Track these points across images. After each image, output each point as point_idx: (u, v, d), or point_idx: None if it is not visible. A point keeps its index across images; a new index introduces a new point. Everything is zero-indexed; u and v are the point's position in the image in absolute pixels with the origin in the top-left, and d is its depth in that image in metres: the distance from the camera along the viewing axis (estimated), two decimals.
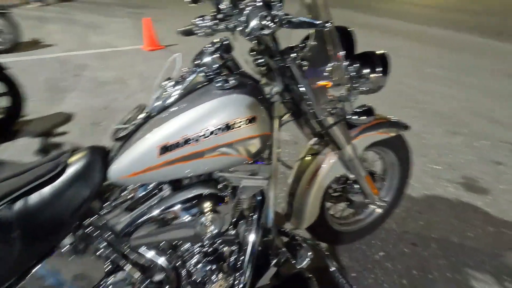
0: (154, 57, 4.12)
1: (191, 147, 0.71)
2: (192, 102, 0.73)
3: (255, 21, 0.50)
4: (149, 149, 0.71)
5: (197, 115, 0.71)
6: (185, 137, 0.70)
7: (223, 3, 0.80)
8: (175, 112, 0.73)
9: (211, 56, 0.77)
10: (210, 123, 0.71)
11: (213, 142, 0.72)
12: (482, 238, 1.46)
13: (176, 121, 0.71)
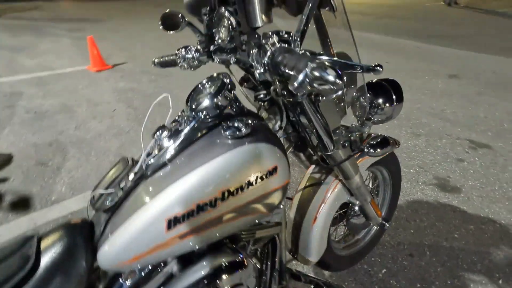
0: (102, 78, 3.76)
1: (206, 215, 0.58)
2: (199, 157, 0.61)
3: (318, 72, 0.40)
4: (154, 224, 0.56)
5: (210, 174, 0.58)
6: (198, 203, 0.57)
7: (220, 35, 0.69)
8: (179, 171, 0.60)
9: (213, 98, 0.65)
10: (227, 183, 0.58)
11: (232, 204, 0.60)
12: (467, 237, 1.54)
13: (184, 184, 0.58)
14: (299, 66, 0.42)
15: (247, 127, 0.63)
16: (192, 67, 0.86)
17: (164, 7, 9.05)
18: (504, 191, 1.85)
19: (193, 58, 0.83)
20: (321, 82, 0.39)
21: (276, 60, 0.50)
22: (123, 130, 2.55)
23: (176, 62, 0.91)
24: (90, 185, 1.90)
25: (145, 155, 0.65)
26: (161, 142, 0.65)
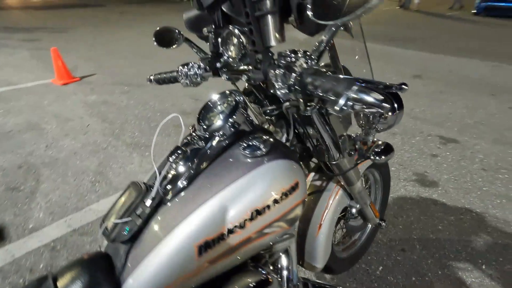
0: (69, 91, 3.55)
1: (236, 236, 0.58)
2: (222, 178, 0.60)
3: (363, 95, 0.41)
4: (183, 251, 0.55)
5: (238, 195, 0.58)
6: (228, 226, 0.56)
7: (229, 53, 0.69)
8: (203, 194, 0.59)
9: (228, 117, 0.64)
10: (255, 202, 0.58)
11: (260, 224, 0.59)
12: (449, 228, 1.65)
13: (211, 207, 0.57)
14: (337, 89, 0.44)
15: (265, 144, 0.63)
16: (194, 83, 0.84)
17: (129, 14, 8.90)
18: (474, 181, 2.01)
19: (196, 74, 0.82)
20: (366, 105, 0.40)
21: (305, 81, 0.51)
22: (100, 147, 2.42)
23: (174, 78, 0.89)
24: (71, 208, 1.78)
25: (160, 179, 0.62)
26: (177, 164, 0.63)
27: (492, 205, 1.82)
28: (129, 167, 2.17)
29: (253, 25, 0.58)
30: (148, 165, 2.18)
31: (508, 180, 2.04)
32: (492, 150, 2.36)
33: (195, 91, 3.56)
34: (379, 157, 0.82)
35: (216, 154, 0.64)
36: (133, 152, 2.35)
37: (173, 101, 3.29)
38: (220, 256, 0.57)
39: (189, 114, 3.01)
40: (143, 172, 2.10)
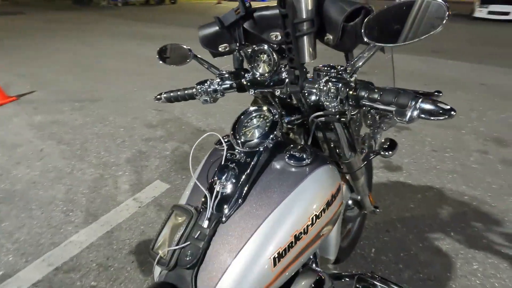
0: (9, 113, 3.12)
1: (302, 242, 0.62)
2: (278, 190, 0.63)
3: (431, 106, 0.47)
4: (260, 265, 0.57)
5: (297, 204, 0.62)
6: (295, 234, 0.60)
7: (258, 70, 0.72)
8: (264, 208, 0.61)
9: (271, 131, 0.68)
10: (313, 208, 0.63)
11: (319, 227, 0.64)
12: (419, 205, 1.89)
13: (277, 219, 0.60)
14: (402, 101, 0.51)
15: (307, 153, 0.68)
16: (213, 99, 0.85)
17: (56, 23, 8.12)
18: (429, 162, 2.33)
19: (216, 91, 0.83)
20: (434, 114, 0.47)
21: (360, 94, 0.57)
22: (64, 172, 2.19)
23: (190, 96, 0.89)
24: (47, 245, 1.59)
25: (213, 198, 0.63)
26: (227, 182, 0.64)
27: (447, 180, 2.13)
28: (103, 189, 2.01)
29: (293, 44, 0.63)
30: (125, 185, 2.05)
31: (453, 157, 2.40)
32: (436, 133, 2.75)
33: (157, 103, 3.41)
34: (388, 152, 0.93)
35: (262, 168, 0.67)
36: (104, 173, 2.18)
37: (135, 114, 3.12)
38: (291, 262, 0.60)
39: (155, 126, 2.89)
40: (122, 194, 1.97)
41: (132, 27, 8.81)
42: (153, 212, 1.82)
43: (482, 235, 1.68)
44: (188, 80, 4.54)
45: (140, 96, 3.61)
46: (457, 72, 4.49)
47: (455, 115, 0.46)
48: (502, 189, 2.05)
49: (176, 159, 2.36)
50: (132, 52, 5.74)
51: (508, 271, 1.47)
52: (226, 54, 0.84)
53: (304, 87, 0.68)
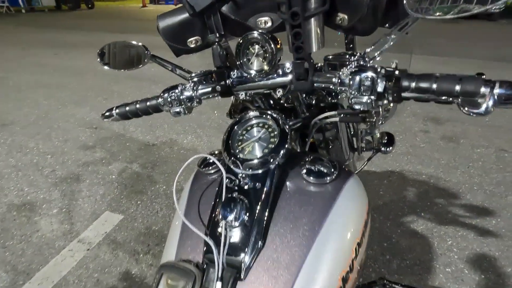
0: None
1: (350, 283, 0.48)
2: (304, 223, 0.47)
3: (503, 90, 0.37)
4: None
5: (334, 237, 0.48)
6: (342, 275, 0.46)
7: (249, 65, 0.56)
8: (293, 252, 0.45)
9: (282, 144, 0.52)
10: (354, 236, 0.50)
11: (361, 257, 0.51)
12: (387, 191, 1.94)
13: (315, 264, 0.45)
14: (470, 88, 0.40)
15: (331, 165, 0.54)
16: (188, 109, 0.66)
17: None
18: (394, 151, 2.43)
19: (192, 98, 0.64)
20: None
21: (404, 85, 0.45)
22: None
23: (154, 108, 0.67)
24: None
25: (222, 250, 0.45)
26: (233, 221, 0.47)
27: (404, 162, 2.24)
28: (35, 236, 1.59)
29: (303, 28, 0.48)
30: (64, 226, 1.67)
31: (403, 139, 2.55)
32: None
33: (90, 118, 2.95)
34: (388, 147, 0.85)
35: (276, 192, 0.51)
36: (32, 214, 1.74)
37: (64, 136, 2.62)
38: None
39: (92, 147, 2.46)
40: (61, 237, 1.59)
41: (45, 34, 7.65)
42: (107, 253, 1.50)
43: (446, 210, 1.79)
44: (126, 92, 4.07)
45: (66, 114, 3.08)
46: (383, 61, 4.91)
47: None
48: (449, 163, 2.24)
49: (125, 183, 2.02)
50: (49, 63, 4.94)
51: (476, 241, 1.57)
52: (196, 51, 0.66)
53: (314, 82, 0.54)
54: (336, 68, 0.54)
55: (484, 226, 1.66)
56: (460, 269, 1.42)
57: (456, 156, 2.33)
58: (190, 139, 2.59)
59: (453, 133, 2.67)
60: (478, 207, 1.81)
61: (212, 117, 2.96)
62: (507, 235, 1.60)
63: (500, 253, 1.49)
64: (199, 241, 0.49)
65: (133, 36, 7.73)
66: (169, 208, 1.80)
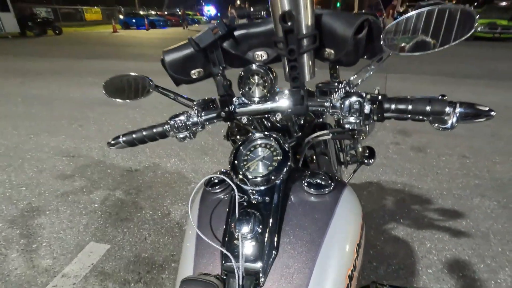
0: None
1: (355, 281, 0.54)
2: (310, 229, 0.54)
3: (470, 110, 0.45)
4: None
5: (338, 239, 0.54)
6: (348, 273, 0.52)
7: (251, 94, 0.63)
8: (304, 256, 0.51)
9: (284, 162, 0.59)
10: (354, 238, 0.56)
11: (361, 256, 0.58)
12: (368, 201, 2.05)
13: (325, 265, 0.51)
14: (437, 109, 0.49)
15: (324, 179, 0.61)
16: (193, 134, 0.71)
17: None
18: None
19: (197, 123, 0.70)
20: (475, 116, 0.47)
21: (386, 107, 0.54)
22: None
23: (161, 134, 0.72)
24: None
25: (240, 258, 0.50)
26: (248, 233, 0.52)
27: (380, 173, 2.39)
28: (13, 274, 1.49)
29: (298, 62, 0.57)
30: (45, 261, 1.58)
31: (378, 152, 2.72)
32: None
33: (66, 146, 2.86)
34: (370, 159, 0.94)
35: (283, 205, 0.57)
36: (9, 252, 1.64)
37: (39, 166, 2.51)
38: None
39: (71, 176, 2.38)
40: (43, 273, 1.51)
41: (9, 62, 7.35)
42: (96, 285, 1.44)
43: (422, 215, 1.92)
44: (103, 118, 3.99)
45: (40, 143, 2.96)
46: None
47: (495, 115, 0.47)
48: (420, 171, 2.42)
49: (109, 211, 1.97)
50: (14, 92, 4.74)
51: (451, 241, 1.70)
52: (197, 81, 0.72)
53: (309, 106, 0.62)
54: (326, 94, 0.63)
55: (457, 228, 1.81)
56: (440, 269, 1.53)
57: (425, 165, 2.53)
58: (174, 162, 2.59)
59: (420, 144, 2.90)
60: (449, 210, 1.97)
61: (194, 139, 2.98)
62: (477, 234, 1.75)
63: (472, 251, 1.63)
64: (215, 255, 0.54)
65: (102, 62, 7.65)
66: (157, 233, 1.78)
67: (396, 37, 0.50)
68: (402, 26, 0.50)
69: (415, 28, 0.49)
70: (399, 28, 0.50)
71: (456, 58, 7.50)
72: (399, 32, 0.50)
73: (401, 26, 0.50)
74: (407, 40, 0.49)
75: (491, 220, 1.87)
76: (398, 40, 0.50)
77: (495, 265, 1.55)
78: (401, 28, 0.50)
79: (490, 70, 6.41)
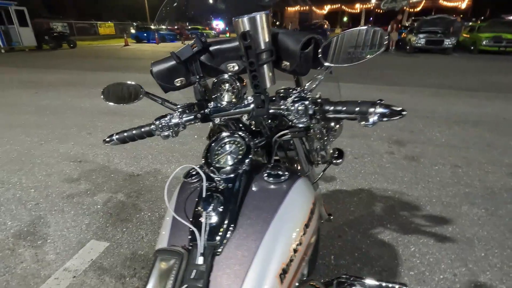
0: None
1: (299, 254, 0.63)
2: (266, 209, 0.64)
3: (387, 110, 0.56)
4: (269, 287, 0.56)
5: (286, 218, 0.64)
6: (293, 246, 0.62)
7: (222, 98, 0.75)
8: (258, 229, 0.61)
9: (246, 155, 0.70)
10: (302, 218, 0.66)
11: (309, 235, 0.67)
12: (358, 207, 2.12)
13: (273, 237, 0.60)
14: (363, 109, 0.60)
15: (283, 170, 0.72)
16: (175, 133, 0.83)
17: None
18: (355, 168, 2.66)
19: (178, 124, 0.82)
20: (391, 116, 0.57)
21: (325, 109, 0.65)
22: None
23: (148, 133, 0.85)
24: None
25: (202, 232, 0.60)
26: (214, 212, 0.63)
27: (372, 180, 2.46)
28: (19, 268, 1.61)
29: (258, 72, 0.68)
30: (49, 256, 1.70)
31: (371, 161, 2.81)
32: (352, 143, 3.18)
33: (74, 152, 3.02)
34: (338, 160, 1.04)
35: (245, 191, 0.68)
36: (16, 247, 1.76)
37: (48, 170, 2.67)
38: (294, 276, 0.61)
39: (77, 180, 2.52)
40: (47, 267, 1.62)
41: (25, 74, 7.73)
42: (94, 278, 1.54)
43: (409, 221, 1.98)
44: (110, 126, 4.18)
45: (50, 149, 3.13)
46: (353, 92, 5.37)
47: (406, 114, 0.58)
48: (411, 180, 2.48)
49: (110, 212, 2.09)
50: (28, 102, 5.00)
51: (435, 246, 1.75)
52: (181, 88, 0.85)
53: (269, 109, 0.74)
54: (285, 99, 0.75)
55: (442, 233, 1.86)
56: (422, 271, 1.58)
57: (417, 173, 2.59)
58: (174, 168, 2.71)
59: (414, 153, 2.97)
60: (437, 217, 2.02)
61: (195, 147, 3.12)
62: (462, 240, 1.80)
63: (455, 256, 1.68)
64: (186, 230, 0.64)
65: (113, 74, 7.97)
66: (154, 233, 1.88)
67: (329, 51, 0.62)
68: (334, 43, 0.61)
69: (344, 44, 0.60)
70: (332, 45, 0.62)
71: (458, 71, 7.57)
72: (332, 48, 0.62)
73: (334, 43, 0.61)
74: (338, 54, 0.61)
75: (477, 226, 1.92)
76: (331, 54, 0.62)
77: (476, 269, 1.59)
78: (333, 45, 0.61)
79: (491, 83, 6.45)
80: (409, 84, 6.21)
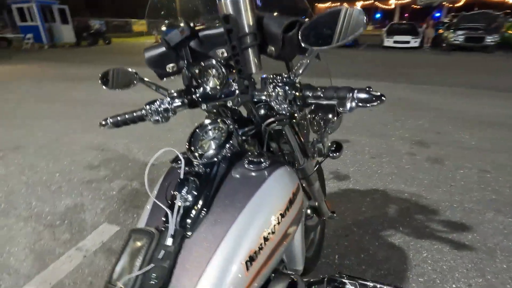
0: None
1: (271, 243, 0.62)
2: (241, 194, 0.63)
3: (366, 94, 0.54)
4: (232, 272, 0.55)
5: (261, 205, 0.62)
6: (263, 234, 0.60)
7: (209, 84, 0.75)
8: (229, 214, 0.60)
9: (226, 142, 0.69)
10: (278, 207, 0.64)
11: (285, 225, 0.66)
12: (369, 207, 2.04)
13: (244, 223, 0.59)
14: (341, 94, 0.57)
15: (264, 157, 0.70)
16: (165, 118, 0.84)
17: None
18: (371, 168, 2.56)
19: (168, 110, 0.83)
20: (369, 101, 0.54)
21: (305, 94, 0.63)
22: None
23: (140, 118, 0.87)
24: None
25: (174, 214, 0.61)
26: (188, 195, 0.63)
27: (388, 181, 2.35)
28: (38, 244, 1.73)
29: (240, 56, 0.67)
30: (65, 235, 1.81)
31: (389, 161, 2.68)
32: (371, 142, 3.06)
33: (97, 141, 3.19)
34: (336, 153, 1.01)
35: (223, 177, 0.67)
36: (37, 225, 1.89)
37: (72, 157, 2.84)
38: (263, 265, 0.60)
39: (97, 167, 2.66)
40: (61, 245, 1.73)
41: (61, 68, 8.27)
42: (102, 259, 1.62)
43: (424, 225, 1.87)
44: None
45: (76, 138, 3.33)
46: None
47: (386, 100, 0.54)
48: (432, 183, 2.34)
49: (124, 198, 2.18)
50: (61, 94, 5.35)
51: (451, 253, 1.64)
52: (174, 74, 0.85)
53: (254, 95, 0.72)
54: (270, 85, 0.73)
55: (460, 241, 1.73)
56: (432, 279, 1.48)
57: (439, 177, 2.43)
58: None
59: (438, 155, 2.79)
60: (456, 223, 1.89)
61: None
62: (481, 249, 1.67)
63: (472, 265, 1.56)
64: (161, 212, 0.65)
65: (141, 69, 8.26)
66: None
67: (310, 33, 0.59)
68: (313, 24, 0.58)
69: (324, 25, 0.57)
70: (312, 26, 0.59)
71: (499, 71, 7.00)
72: (312, 30, 0.59)
73: (313, 25, 0.58)
74: (318, 36, 0.58)
75: (501, 235, 1.77)
76: (311, 36, 0.59)
77: (495, 280, 1.47)
78: (313, 26, 0.58)
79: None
80: (429, 83, 5.84)
